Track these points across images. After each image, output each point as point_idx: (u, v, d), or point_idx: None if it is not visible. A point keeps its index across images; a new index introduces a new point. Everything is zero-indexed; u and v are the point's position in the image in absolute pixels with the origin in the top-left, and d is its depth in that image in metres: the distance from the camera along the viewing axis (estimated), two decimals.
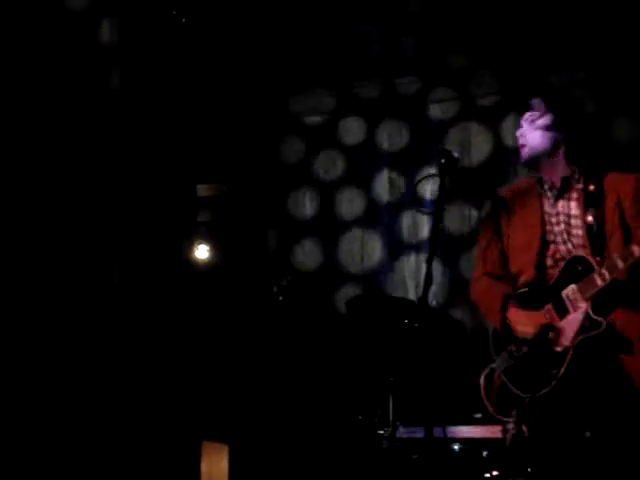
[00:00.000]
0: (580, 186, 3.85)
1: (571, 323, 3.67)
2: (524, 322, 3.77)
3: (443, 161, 3.80)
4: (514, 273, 3.90)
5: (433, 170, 4.06)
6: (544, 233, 3.79)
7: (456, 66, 6.43)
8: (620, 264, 3.57)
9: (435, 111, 6.53)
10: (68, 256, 5.82)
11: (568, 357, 3.64)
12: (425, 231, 6.27)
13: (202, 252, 6.77)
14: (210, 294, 6.60)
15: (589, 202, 3.79)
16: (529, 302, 3.81)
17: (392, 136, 6.57)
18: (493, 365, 3.84)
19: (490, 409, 3.82)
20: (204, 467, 6.29)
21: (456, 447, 4.78)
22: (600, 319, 3.63)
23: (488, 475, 4.49)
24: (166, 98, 6.30)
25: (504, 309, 3.83)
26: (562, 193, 3.86)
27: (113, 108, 6.11)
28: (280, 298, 6.03)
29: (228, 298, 6.58)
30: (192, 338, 6.34)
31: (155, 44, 6.17)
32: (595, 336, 3.63)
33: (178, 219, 6.44)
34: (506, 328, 3.82)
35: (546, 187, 3.90)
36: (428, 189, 6.14)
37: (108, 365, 5.84)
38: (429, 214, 3.83)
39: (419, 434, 4.91)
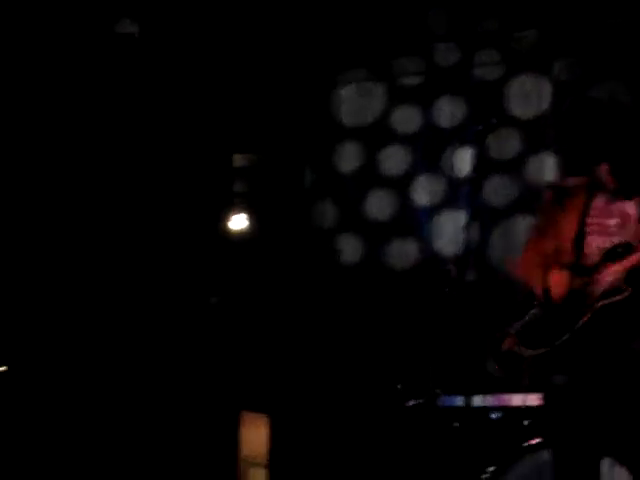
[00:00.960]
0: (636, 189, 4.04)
1: (600, 281, 3.88)
2: (558, 280, 3.99)
3: (481, 127, 3.84)
4: (560, 259, 4.07)
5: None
6: (589, 227, 3.98)
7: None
8: None
9: None
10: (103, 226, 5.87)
11: (589, 314, 3.86)
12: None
13: (239, 222, 6.74)
14: (248, 264, 6.59)
15: None
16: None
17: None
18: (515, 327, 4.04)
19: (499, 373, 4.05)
20: (244, 437, 6.31)
21: (494, 415, 4.76)
22: (626, 287, 3.86)
23: (528, 444, 4.45)
24: (202, 67, 6.29)
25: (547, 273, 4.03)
26: (620, 192, 4.04)
27: (148, 79, 6.12)
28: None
29: (266, 268, 6.56)
30: (233, 308, 6.36)
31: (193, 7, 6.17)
32: (619, 302, 3.84)
33: (214, 189, 6.44)
34: (544, 291, 4.02)
35: (601, 185, 4.07)
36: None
37: (148, 334, 5.89)
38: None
39: (459, 402, 4.89)
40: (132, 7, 6.11)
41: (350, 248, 6.51)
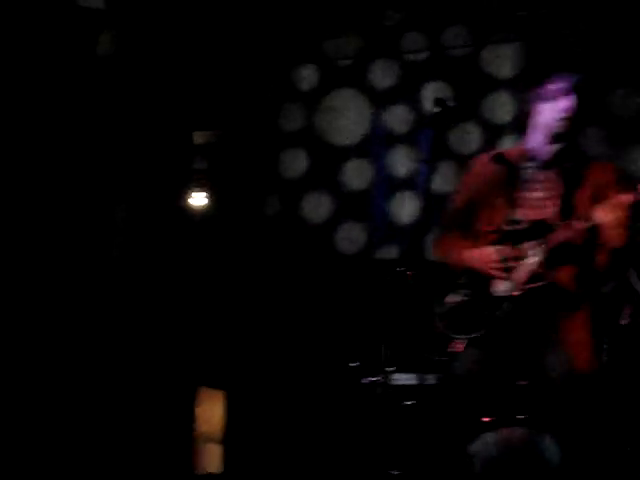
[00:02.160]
0: (565, 164, 4.02)
1: (522, 271, 3.90)
2: (479, 256, 4.01)
3: (437, 110, 3.85)
4: (483, 231, 4.07)
5: None
6: (520, 198, 3.95)
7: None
8: (577, 226, 3.83)
9: None
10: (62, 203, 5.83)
11: (513, 298, 3.89)
12: None
13: (199, 200, 6.75)
14: (207, 241, 6.60)
15: (567, 179, 3.98)
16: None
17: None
18: (439, 307, 4.11)
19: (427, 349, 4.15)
20: (200, 413, 6.33)
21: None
22: (549, 272, 3.88)
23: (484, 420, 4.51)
24: (163, 43, 6.26)
25: (471, 249, 4.06)
26: (549, 165, 4.02)
27: (107, 56, 6.08)
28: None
29: (224, 245, 6.57)
30: (189, 285, 6.36)
31: None
32: (540, 288, 3.87)
33: (174, 167, 6.43)
34: (467, 268, 4.05)
35: (534, 157, 4.04)
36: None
37: (104, 311, 5.87)
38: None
39: (413, 381, 4.93)
40: None
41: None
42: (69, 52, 5.92)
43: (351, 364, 4.62)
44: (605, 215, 3.75)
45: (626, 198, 3.73)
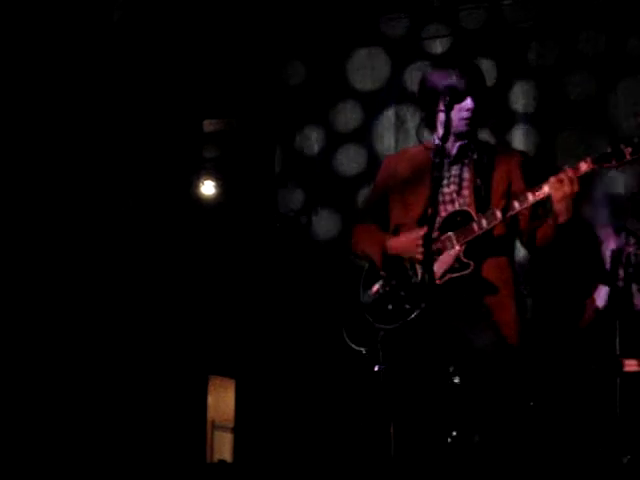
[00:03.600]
0: (475, 156, 4.02)
1: (442, 262, 3.89)
2: (404, 241, 3.96)
3: (448, 98, 3.85)
4: (395, 226, 4.07)
5: None
6: (434, 193, 3.83)
7: None
8: (499, 214, 3.83)
9: None
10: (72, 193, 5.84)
11: (434, 288, 3.78)
12: None
13: (208, 188, 6.75)
14: (216, 230, 6.61)
15: (479, 170, 3.99)
16: None
17: None
18: (360, 299, 4.05)
19: (348, 340, 4.07)
20: (211, 401, 6.35)
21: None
22: (469, 262, 3.87)
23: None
24: (172, 32, 6.26)
25: (386, 238, 4.04)
26: (457, 159, 4.03)
27: (117, 42, 6.08)
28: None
29: (234, 234, 6.57)
30: (199, 274, 6.37)
31: None
32: (461, 277, 3.86)
33: (184, 155, 6.43)
34: (384, 257, 4.01)
35: (443, 152, 3.95)
36: None
37: (117, 300, 5.89)
38: None
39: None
40: None
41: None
42: (80, 45, 5.94)
43: (362, 351, 4.61)
44: (557, 188, 3.73)
45: (575, 172, 3.73)
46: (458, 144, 4.03)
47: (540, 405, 4.85)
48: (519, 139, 5.96)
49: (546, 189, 3.76)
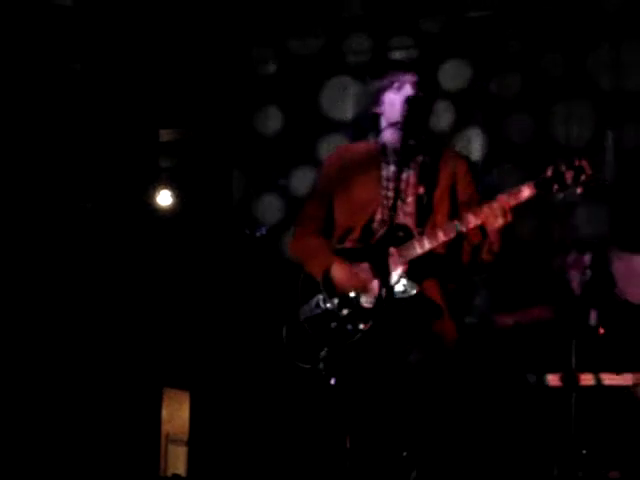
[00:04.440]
0: (420, 158, 3.92)
1: (384, 275, 3.73)
2: (346, 276, 3.83)
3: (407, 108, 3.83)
4: (342, 230, 3.95)
5: None
6: (378, 197, 3.83)
7: None
8: (441, 235, 3.72)
9: None
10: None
11: (376, 314, 3.73)
12: None
13: (165, 198, 6.69)
14: (172, 241, 6.55)
15: (424, 174, 3.89)
16: (351, 258, 3.89)
17: None
18: (300, 313, 3.92)
19: (290, 357, 3.95)
20: (165, 413, 6.30)
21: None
22: (413, 284, 3.77)
23: None
24: (127, 41, 6.22)
25: (330, 259, 3.89)
26: (403, 162, 3.88)
27: (74, 51, 6.04)
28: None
29: (190, 245, 6.53)
30: (154, 284, 6.31)
31: None
32: (406, 299, 3.77)
33: (140, 165, 6.39)
34: (326, 280, 3.88)
35: (388, 153, 3.92)
36: None
37: (69, 309, 5.83)
38: None
39: None
40: None
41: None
42: (40, 49, 5.89)
43: (319, 365, 4.59)
44: (493, 218, 3.63)
45: (508, 202, 3.63)
46: (408, 144, 3.86)
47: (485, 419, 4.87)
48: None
49: (474, 220, 3.66)
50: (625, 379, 4.81)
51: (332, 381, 3.88)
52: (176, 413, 6.40)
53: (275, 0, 6.36)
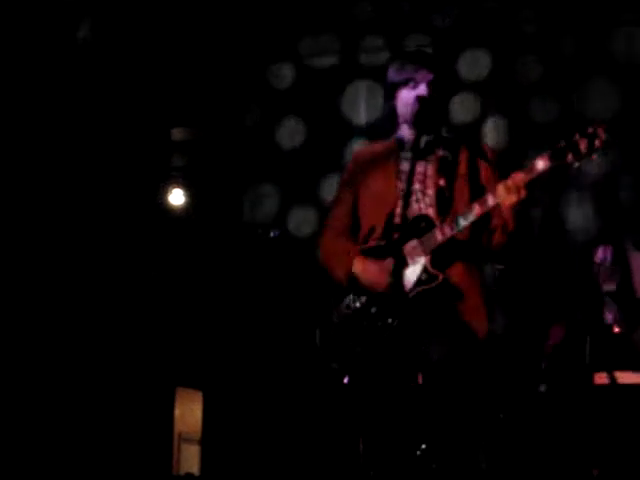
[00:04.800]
0: (440, 152, 3.91)
1: (409, 275, 3.77)
2: (370, 271, 3.84)
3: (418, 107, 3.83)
4: (366, 230, 3.95)
5: None
6: (399, 192, 3.82)
7: None
8: (462, 222, 3.70)
9: None
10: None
11: (406, 304, 3.75)
12: None
13: (177, 197, 6.68)
14: (184, 240, 6.55)
15: (443, 167, 3.88)
16: (376, 256, 3.88)
17: None
18: (332, 316, 3.93)
19: (325, 358, 3.93)
20: (178, 413, 6.31)
21: None
22: (437, 272, 3.76)
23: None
24: (141, 42, 6.23)
25: (350, 261, 3.91)
26: (421, 155, 3.89)
27: (86, 53, 6.05)
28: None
29: (202, 244, 6.53)
30: (167, 284, 6.32)
31: None
32: (431, 288, 3.75)
33: (152, 164, 6.40)
34: (351, 280, 3.90)
35: (406, 148, 3.92)
36: None
37: (83, 309, 5.84)
38: None
39: None
40: None
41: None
42: (49, 43, 5.89)
43: (332, 365, 4.58)
44: (507, 196, 3.60)
45: (523, 177, 3.60)
46: (425, 140, 3.88)
47: (509, 416, 4.86)
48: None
49: (492, 200, 3.64)
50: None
51: (345, 380, 3.90)
52: (189, 412, 6.40)
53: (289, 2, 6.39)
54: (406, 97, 3.88)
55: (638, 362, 4.83)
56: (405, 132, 3.92)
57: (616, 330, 4.97)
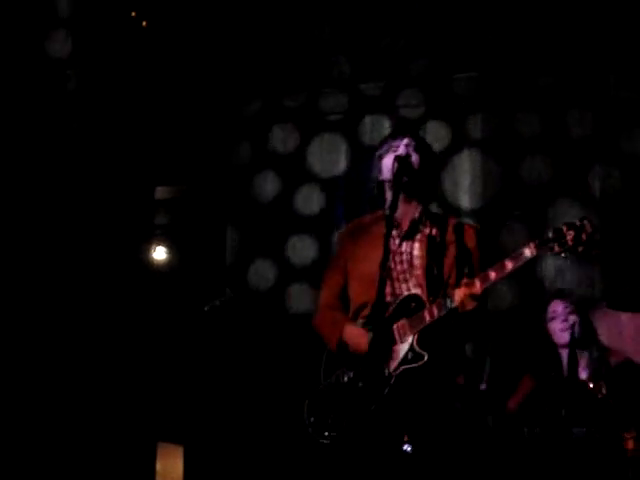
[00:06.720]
0: (426, 230, 3.99)
1: (397, 352, 3.83)
2: (358, 336, 3.91)
3: (397, 166, 3.91)
4: (356, 305, 4.03)
5: None
6: (387, 271, 3.83)
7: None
8: (449, 303, 3.75)
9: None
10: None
11: (391, 382, 3.81)
12: None
13: (160, 254, 6.76)
14: (167, 296, 6.60)
15: (431, 246, 3.94)
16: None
17: None
18: (320, 387, 4.02)
19: (310, 429, 4.00)
20: (159, 468, 6.29)
21: None
22: (423, 352, 3.80)
23: None
24: (124, 100, 6.30)
25: (343, 327, 3.99)
26: (408, 235, 3.99)
27: (70, 110, 6.11)
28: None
29: (185, 300, 6.58)
30: (148, 339, 6.34)
31: (114, 46, 6.17)
32: (416, 367, 3.80)
33: (135, 221, 6.44)
34: (341, 347, 3.98)
35: (394, 226, 3.97)
36: None
37: (64, 364, 5.84)
38: None
39: None
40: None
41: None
42: (36, 100, 5.95)
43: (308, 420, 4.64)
44: (466, 301, 3.69)
45: (515, 264, 3.66)
46: (410, 218, 3.99)
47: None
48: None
49: (478, 285, 3.70)
50: None
51: (325, 441, 3.96)
52: (170, 467, 6.40)
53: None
54: (387, 162, 3.99)
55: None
56: (390, 198, 3.95)
57: (591, 386, 5.02)
